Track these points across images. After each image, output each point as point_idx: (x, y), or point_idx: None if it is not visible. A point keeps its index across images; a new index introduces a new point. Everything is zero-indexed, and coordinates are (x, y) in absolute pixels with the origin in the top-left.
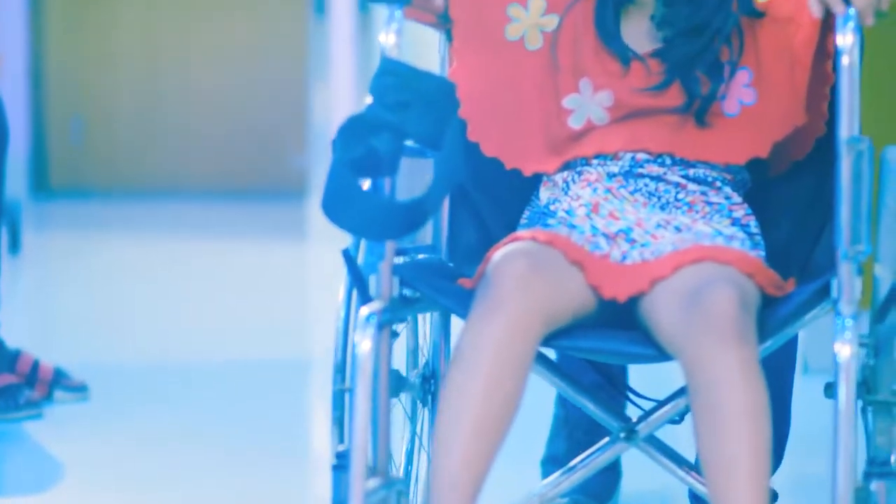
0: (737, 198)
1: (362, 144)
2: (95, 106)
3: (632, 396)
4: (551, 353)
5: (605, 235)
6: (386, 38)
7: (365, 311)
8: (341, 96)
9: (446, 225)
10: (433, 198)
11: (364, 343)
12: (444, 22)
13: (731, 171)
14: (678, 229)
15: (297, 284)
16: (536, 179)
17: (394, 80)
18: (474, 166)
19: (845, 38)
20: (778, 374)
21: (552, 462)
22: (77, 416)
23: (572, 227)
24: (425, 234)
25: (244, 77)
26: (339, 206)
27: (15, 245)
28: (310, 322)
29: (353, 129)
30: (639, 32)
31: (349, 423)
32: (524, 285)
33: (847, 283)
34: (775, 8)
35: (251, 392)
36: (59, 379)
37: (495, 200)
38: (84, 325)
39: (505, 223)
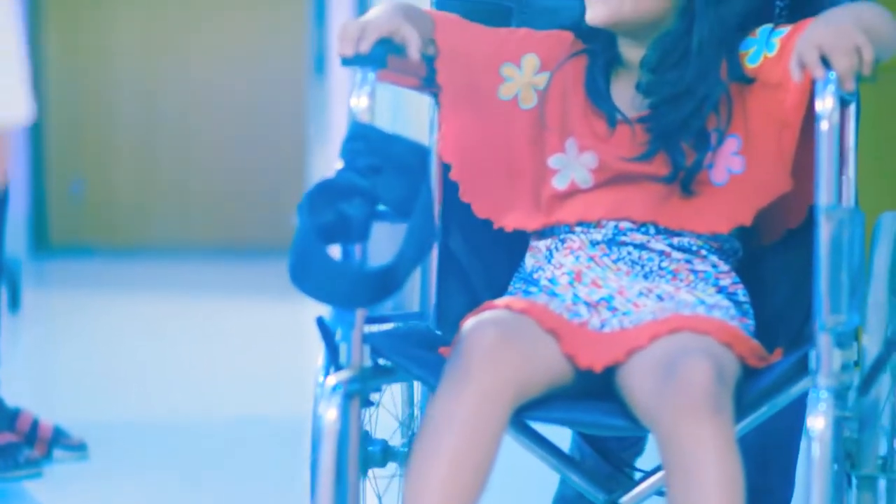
0: (724, 266)
1: (332, 210)
2: (95, 165)
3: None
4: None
5: (587, 303)
6: (357, 101)
7: (332, 380)
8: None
9: (434, 291)
10: (404, 264)
11: (329, 413)
12: (428, 85)
13: (719, 239)
14: (660, 298)
15: (296, 342)
16: (525, 245)
17: (364, 144)
18: (463, 230)
19: (824, 103)
20: (783, 438)
21: None
22: (76, 475)
23: (553, 294)
24: (413, 301)
25: (243, 136)
26: (305, 273)
27: (15, 303)
28: (309, 379)
29: (323, 195)
30: (628, 95)
31: (311, 499)
32: (494, 356)
33: (826, 354)
34: (765, 73)
35: (251, 449)
36: (58, 438)
37: (484, 266)
38: (84, 384)
39: (494, 289)
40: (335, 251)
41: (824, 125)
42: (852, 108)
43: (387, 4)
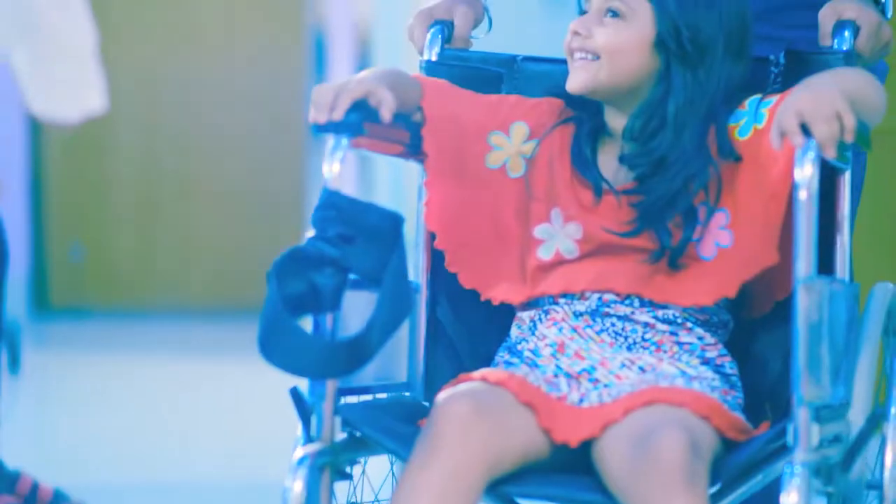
0: (710, 338)
1: (302, 280)
2: (94, 226)
3: None
4: None
5: (568, 375)
6: (329, 169)
7: (300, 452)
8: None
9: (422, 361)
10: (376, 335)
11: (295, 485)
12: (414, 153)
13: (706, 311)
14: (642, 370)
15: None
16: (513, 314)
17: (335, 213)
18: (451, 300)
19: (803, 171)
20: None
21: None
22: None
23: (535, 366)
24: (401, 371)
25: (242, 199)
26: (274, 345)
27: (15, 365)
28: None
29: (292, 264)
30: (614, 165)
31: None
32: (465, 429)
33: (803, 429)
34: (754, 145)
35: None
36: (58, 501)
37: (472, 336)
38: (84, 447)
39: (481, 360)
40: (307, 321)
41: (803, 194)
42: (846, 177)
43: (372, 69)
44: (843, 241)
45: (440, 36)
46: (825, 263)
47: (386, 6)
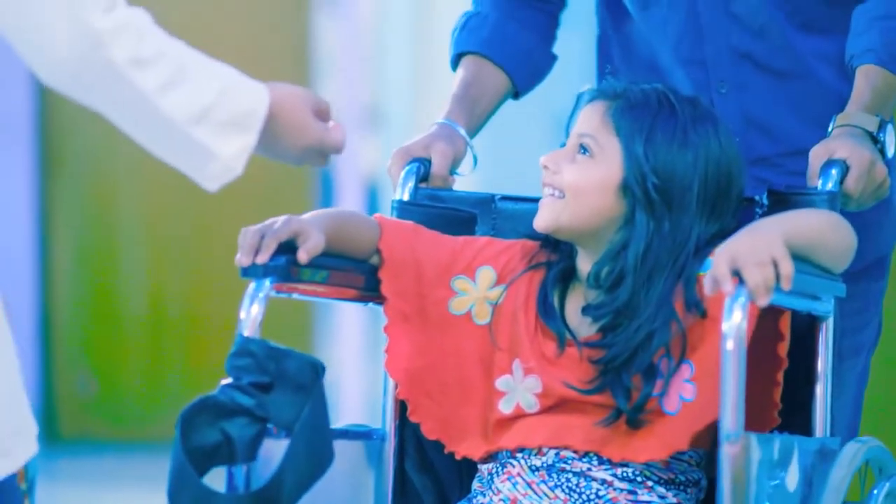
0: (672, 498)
1: (215, 430)
2: (103, 359)
3: None
4: None
5: None
6: (248, 313)
7: None
8: (347, 335)
9: None
10: (287, 488)
11: None
12: (370, 296)
13: (672, 469)
14: None
15: None
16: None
17: (251, 360)
18: (417, 449)
19: (731, 320)
20: None
21: None
22: None
23: None
24: None
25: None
26: (179, 497)
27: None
28: None
29: (204, 413)
30: (580, 314)
31: None
32: None
33: None
34: (720, 297)
35: None
36: None
37: (438, 487)
38: None
39: None
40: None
41: (729, 344)
42: (827, 325)
43: (319, 210)
44: (822, 393)
45: (414, 175)
46: (805, 418)
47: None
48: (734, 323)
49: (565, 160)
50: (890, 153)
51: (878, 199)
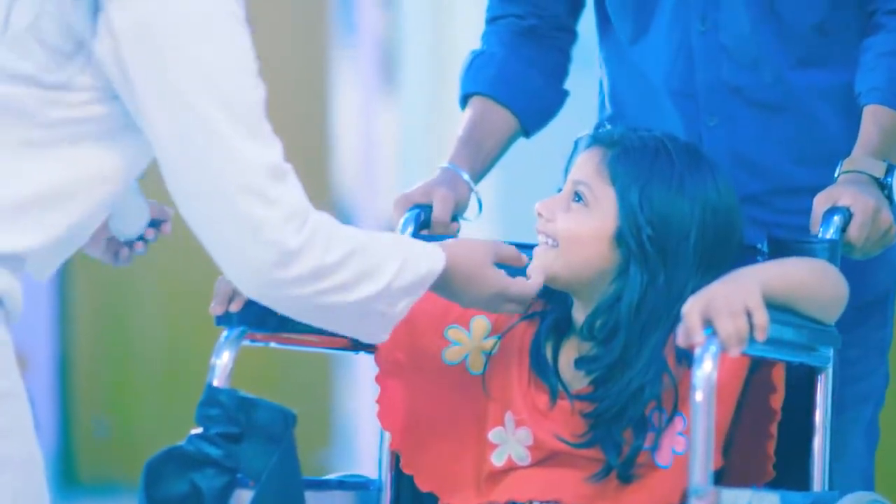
0: None
1: (184, 481)
2: (119, 401)
3: None
4: None
5: None
6: (218, 361)
7: None
8: (365, 385)
9: None
10: None
11: None
12: (362, 346)
13: None
14: None
15: None
16: None
17: (219, 410)
18: (411, 499)
19: (701, 371)
20: None
21: None
22: None
23: None
24: None
25: (266, 369)
26: None
27: None
28: None
29: (171, 464)
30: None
31: None
32: None
33: None
34: None
35: None
36: None
37: None
38: None
39: None
40: None
41: (698, 395)
42: (825, 377)
43: None
44: (820, 446)
45: (413, 221)
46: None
47: None
48: (704, 374)
49: (560, 208)
50: None
51: (885, 246)
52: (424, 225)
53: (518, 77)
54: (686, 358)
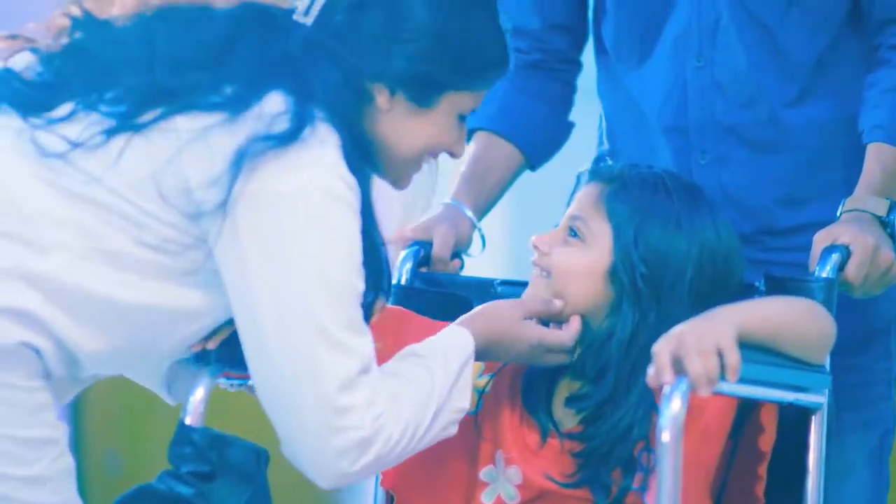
0: None
1: None
2: (133, 436)
3: None
4: None
5: None
6: (192, 399)
7: None
8: None
9: None
10: None
11: None
12: None
13: None
14: None
15: None
16: None
17: (191, 449)
18: None
19: (668, 411)
20: None
21: None
22: None
23: None
24: None
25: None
26: None
27: None
28: None
29: (142, 501)
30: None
31: None
32: None
33: None
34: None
35: None
36: None
37: None
38: None
39: None
40: None
41: (665, 436)
42: (819, 417)
43: None
44: (813, 486)
45: (412, 258)
46: None
47: None
48: (671, 414)
49: (556, 242)
50: None
51: (887, 286)
52: (424, 261)
53: (522, 111)
54: None
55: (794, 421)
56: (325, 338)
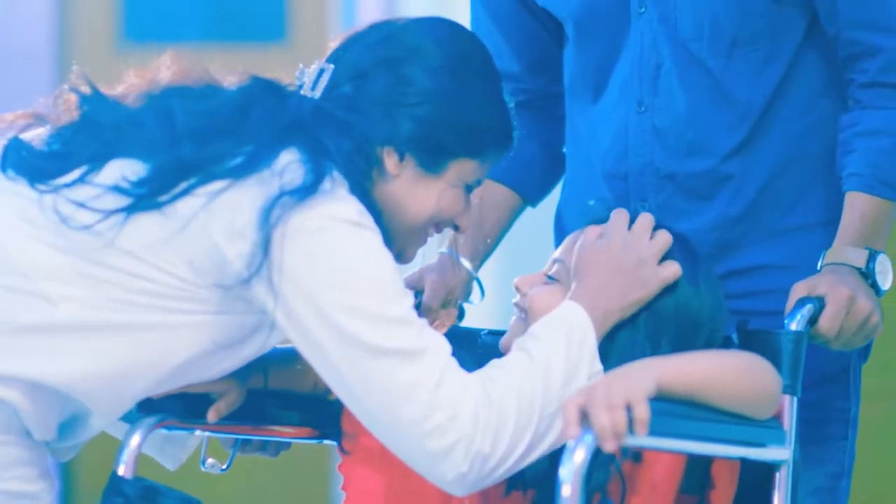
0: None
1: None
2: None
3: None
4: None
5: None
6: (126, 448)
7: None
8: None
9: None
10: None
11: None
12: (327, 433)
13: None
14: None
15: None
16: None
17: (121, 501)
18: None
19: (569, 466)
20: None
21: None
22: None
23: None
24: None
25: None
26: None
27: None
28: None
29: None
30: None
31: None
32: None
33: None
34: None
35: None
36: None
37: None
38: None
39: None
40: None
41: (565, 490)
42: (783, 473)
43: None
44: None
45: None
46: None
47: None
48: (573, 467)
49: (537, 282)
50: (885, 286)
51: (868, 336)
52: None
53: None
54: (634, 453)
55: (763, 477)
56: (391, 355)
